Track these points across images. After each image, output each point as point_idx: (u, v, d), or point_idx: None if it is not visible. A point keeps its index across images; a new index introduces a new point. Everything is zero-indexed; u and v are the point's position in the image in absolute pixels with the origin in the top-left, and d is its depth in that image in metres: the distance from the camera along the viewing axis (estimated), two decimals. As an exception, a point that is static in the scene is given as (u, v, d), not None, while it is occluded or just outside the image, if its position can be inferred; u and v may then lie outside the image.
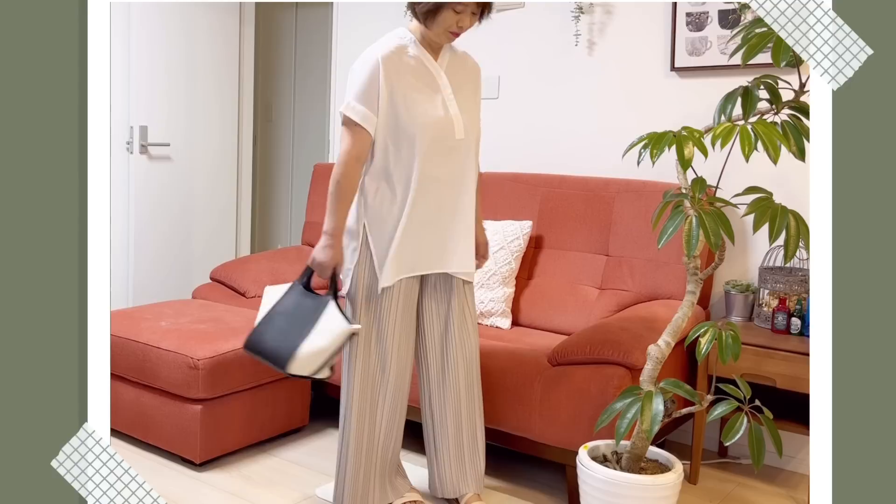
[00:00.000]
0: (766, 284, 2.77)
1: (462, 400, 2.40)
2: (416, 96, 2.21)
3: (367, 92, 2.19)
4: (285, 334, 2.21)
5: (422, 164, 2.22)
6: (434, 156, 2.23)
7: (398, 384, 2.33)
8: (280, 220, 5.44)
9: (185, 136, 4.28)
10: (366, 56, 2.22)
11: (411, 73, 2.22)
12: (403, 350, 2.33)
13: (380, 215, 2.26)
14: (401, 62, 2.21)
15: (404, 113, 2.19)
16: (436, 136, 2.22)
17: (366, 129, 2.19)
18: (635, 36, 3.19)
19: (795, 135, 2.01)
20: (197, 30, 4.27)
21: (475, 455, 2.45)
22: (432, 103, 2.23)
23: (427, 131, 2.21)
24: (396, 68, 2.20)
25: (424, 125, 2.20)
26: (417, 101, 2.21)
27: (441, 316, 2.39)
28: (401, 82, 2.20)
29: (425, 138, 2.21)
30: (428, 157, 2.22)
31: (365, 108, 2.19)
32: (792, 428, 2.57)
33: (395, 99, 2.19)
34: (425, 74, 2.25)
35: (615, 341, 2.45)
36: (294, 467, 2.80)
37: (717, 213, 2.00)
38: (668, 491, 2.09)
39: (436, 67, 2.27)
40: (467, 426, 2.42)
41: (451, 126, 2.25)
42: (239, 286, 3.49)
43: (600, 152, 3.31)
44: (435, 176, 2.25)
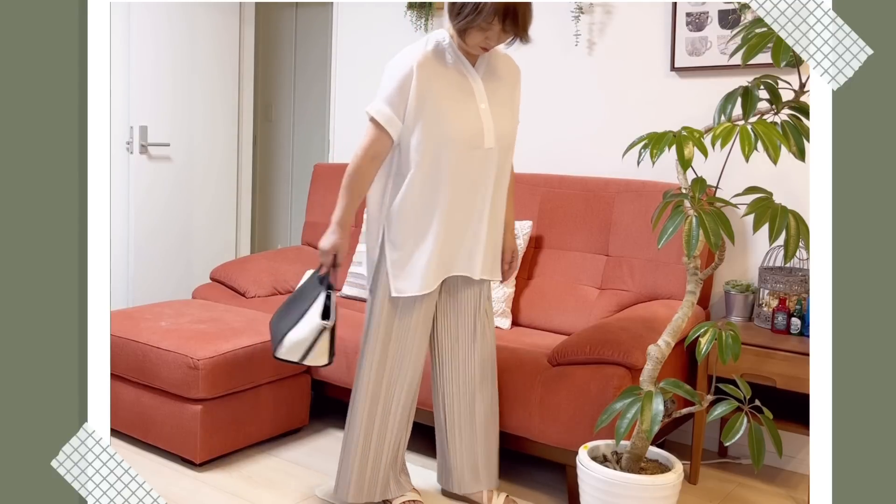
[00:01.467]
0: (766, 284, 2.77)
1: (476, 396, 2.42)
2: (448, 104, 2.19)
3: (397, 96, 2.18)
4: (282, 319, 2.31)
5: (450, 172, 2.22)
6: (463, 163, 2.22)
7: (413, 382, 2.35)
8: (280, 220, 5.44)
9: (185, 136, 4.28)
10: (401, 59, 2.20)
11: (445, 79, 2.21)
12: (421, 350, 2.35)
13: (405, 220, 2.25)
14: (436, 68, 2.20)
15: (434, 121, 2.18)
16: (464, 144, 2.21)
17: (388, 132, 2.20)
18: (635, 36, 3.19)
19: (795, 135, 2.01)
20: (197, 30, 4.27)
21: (490, 452, 2.47)
22: (463, 111, 2.21)
23: (456, 140, 2.20)
24: (430, 75, 2.18)
25: (453, 134, 2.19)
26: (448, 109, 2.19)
27: (459, 315, 2.40)
28: (433, 89, 2.18)
29: (454, 147, 2.20)
30: (456, 164, 2.22)
31: (391, 111, 2.19)
32: (792, 428, 2.57)
33: (426, 106, 2.18)
34: (460, 81, 2.23)
35: (615, 341, 2.45)
36: (294, 467, 2.80)
37: (717, 213, 2.00)
38: (668, 491, 2.09)
39: (472, 73, 2.25)
40: (481, 423, 2.44)
41: (480, 135, 2.23)
42: (239, 286, 3.49)
43: (600, 152, 3.31)
44: (463, 184, 2.24)
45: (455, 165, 2.22)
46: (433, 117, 2.18)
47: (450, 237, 2.28)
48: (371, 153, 2.22)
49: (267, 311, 3.24)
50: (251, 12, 4.58)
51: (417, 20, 3.76)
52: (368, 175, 2.24)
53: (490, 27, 2.11)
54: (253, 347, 2.81)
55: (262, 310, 3.26)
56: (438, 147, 2.20)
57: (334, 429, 3.17)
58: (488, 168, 2.28)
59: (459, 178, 2.23)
